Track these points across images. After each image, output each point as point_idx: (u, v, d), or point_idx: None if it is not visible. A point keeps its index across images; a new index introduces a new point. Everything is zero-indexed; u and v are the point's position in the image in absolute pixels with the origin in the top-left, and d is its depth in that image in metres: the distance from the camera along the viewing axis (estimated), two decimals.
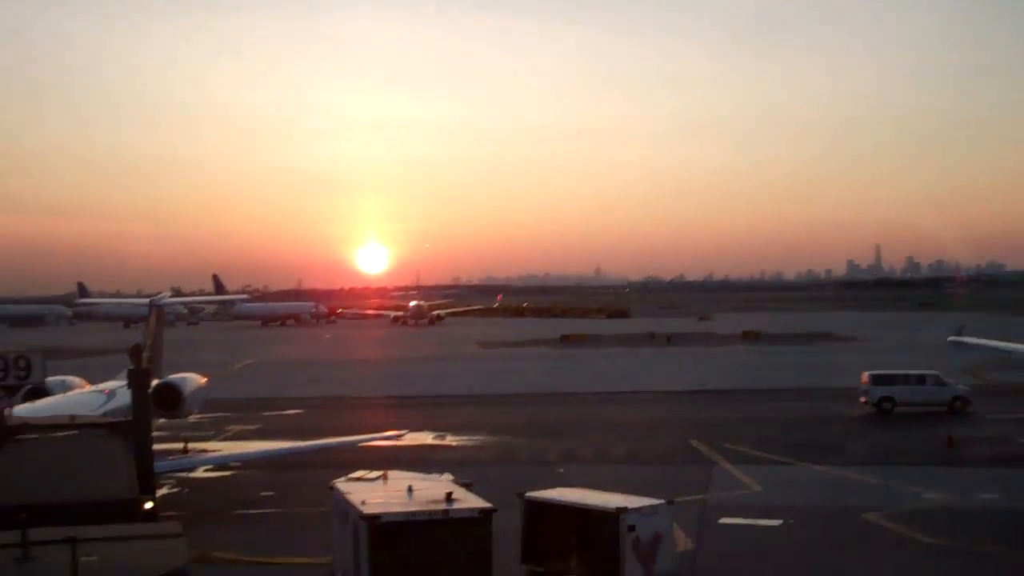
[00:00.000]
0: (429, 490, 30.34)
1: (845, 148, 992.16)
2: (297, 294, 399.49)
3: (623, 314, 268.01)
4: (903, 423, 66.26)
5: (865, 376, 70.58)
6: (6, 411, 32.88)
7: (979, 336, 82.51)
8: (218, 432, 65.68)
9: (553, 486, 34.12)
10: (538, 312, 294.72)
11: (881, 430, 63.60)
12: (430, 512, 28.05)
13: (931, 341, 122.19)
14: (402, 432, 55.83)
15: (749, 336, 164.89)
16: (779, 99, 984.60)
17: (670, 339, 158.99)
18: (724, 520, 39.11)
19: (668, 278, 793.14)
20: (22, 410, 38.02)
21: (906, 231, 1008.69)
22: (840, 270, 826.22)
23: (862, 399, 69.80)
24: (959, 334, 74.49)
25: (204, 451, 55.63)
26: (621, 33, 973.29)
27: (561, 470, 49.19)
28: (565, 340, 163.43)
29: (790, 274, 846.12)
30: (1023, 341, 76.43)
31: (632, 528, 28.93)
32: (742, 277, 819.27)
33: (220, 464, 52.35)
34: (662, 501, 30.68)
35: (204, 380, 55.37)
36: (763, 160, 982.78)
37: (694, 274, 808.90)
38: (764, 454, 54.73)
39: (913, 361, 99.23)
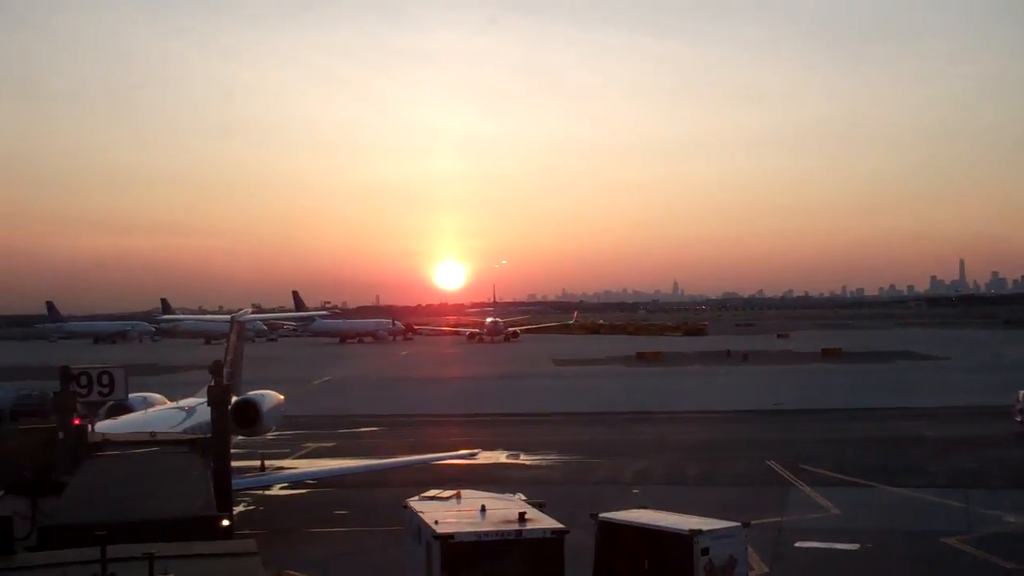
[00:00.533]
0: (502, 510, 30.35)
1: (928, 161, 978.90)
2: (375, 310, 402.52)
3: (700, 331, 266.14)
4: (983, 445, 64.84)
5: (1021, 395, 68.35)
6: (88, 427, 33.68)
7: None
8: (294, 449, 66.36)
9: (627, 507, 33.93)
10: (614, 329, 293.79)
11: (961, 451, 62.24)
12: (502, 532, 28.05)
13: (1015, 361, 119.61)
14: (476, 451, 55.94)
15: (829, 354, 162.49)
16: (860, 112, 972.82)
17: (747, 357, 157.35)
18: (800, 544, 38.61)
19: (746, 295, 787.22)
20: (104, 426, 38.83)
21: (991, 246, 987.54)
22: (923, 286, 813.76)
23: (1017, 418, 67.66)
24: None
25: (280, 468, 56.27)
26: (703, 46, 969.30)
27: (636, 491, 48.89)
28: (640, 358, 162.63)
29: (871, 290, 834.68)
30: None
31: (706, 551, 28.65)
32: (822, 293, 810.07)
33: (296, 482, 53.00)
34: (737, 524, 30.34)
35: (282, 397, 55.99)
36: (844, 174, 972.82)
37: (773, 291, 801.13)
38: (842, 476, 53.89)
39: (995, 381, 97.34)
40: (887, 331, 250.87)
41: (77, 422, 32.51)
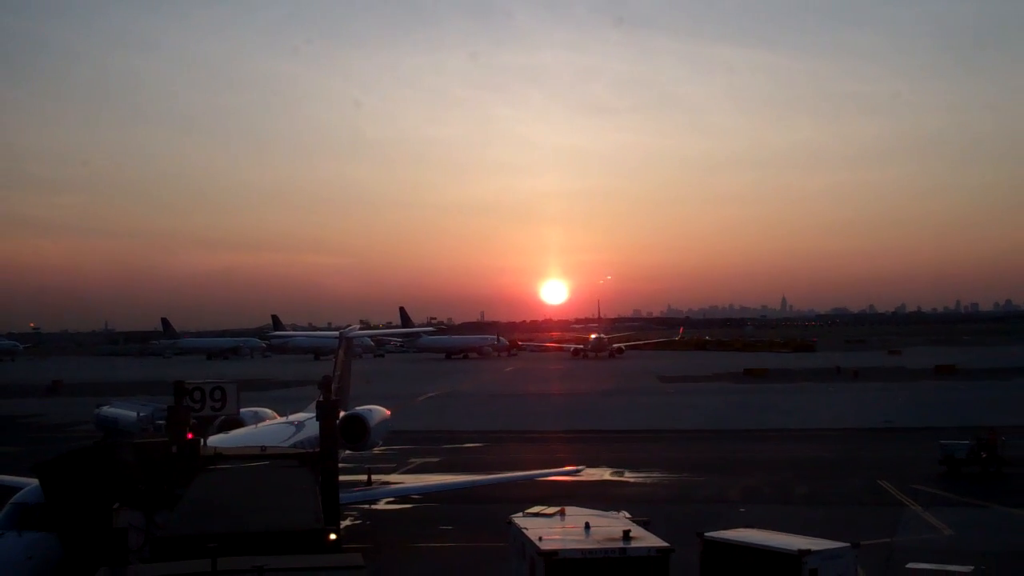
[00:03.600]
0: (606, 527, 30.27)
1: None
2: (480, 326, 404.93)
3: (809, 348, 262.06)
4: None
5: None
6: (200, 441, 34.52)
7: None
8: (400, 464, 67.02)
9: (733, 526, 33.60)
10: (720, 345, 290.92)
11: None
12: (607, 550, 27.98)
13: None
14: (580, 468, 55.90)
15: (942, 371, 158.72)
16: (974, 122, 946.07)
17: (857, 374, 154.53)
18: (912, 565, 37.51)
19: (856, 310, 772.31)
20: (216, 440, 39.79)
21: None
22: None
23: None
24: None
25: (387, 483, 56.88)
26: (813, 56, 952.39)
27: (742, 509, 48.35)
28: (747, 374, 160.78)
29: (987, 305, 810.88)
30: None
31: (815, 572, 28.19)
32: (935, 308, 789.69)
33: (402, 496, 53.49)
34: (847, 544, 29.83)
35: (388, 412, 56.56)
36: (958, 185, 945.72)
37: (884, 306, 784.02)
38: (955, 496, 52.58)
39: None
40: (1006, 347, 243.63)
41: (191, 436, 33.37)
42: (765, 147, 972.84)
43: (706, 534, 31.30)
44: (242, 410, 46.48)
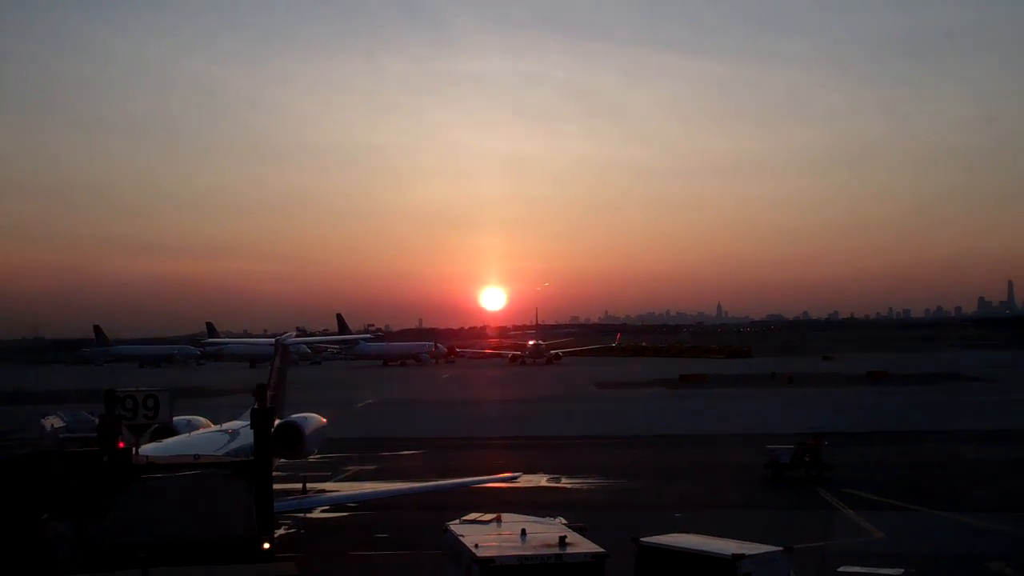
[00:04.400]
0: (542, 534, 30.31)
1: (977, 181, 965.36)
2: (418, 333, 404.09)
3: (744, 354, 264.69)
4: None
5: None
6: (132, 450, 34.02)
7: None
8: (336, 472, 66.61)
9: (669, 531, 33.74)
10: (657, 351, 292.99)
11: (1007, 474, 61.46)
12: (543, 556, 28.00)
13: None
14: (516, 474, 55.90)
15: (875, 376, 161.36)
16: (907, 130, 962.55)
17: (791, 379, 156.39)
18: (844, 568, 38.02)
19: (791, 316, 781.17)
20: (148, 449, 39.22)
21: None
22: (971, 307, 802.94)
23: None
24: None
25: (322, 491, 56.38)
26: (751, 65, 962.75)
27: (677, 515, 48.60)
28: (684, 380, 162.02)
29: (918, 311, 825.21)
30: None
31: None
32: (868, 315, 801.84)
33: (337, 504, 53.11)
34: (780, 548, 30.09)
35: (324, 420, 56.21)
36: (890, 194, 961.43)
37: (818, 312, 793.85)
38: (887, 499, 53.36)
39: None
40: (934, 353, 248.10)
41: (122, 445, 32.87)
42: (704, 155, 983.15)
43: (641, 539, 31.42)
44: (175, 418, 45.95)
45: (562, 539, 29.06)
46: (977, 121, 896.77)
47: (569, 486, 61.51)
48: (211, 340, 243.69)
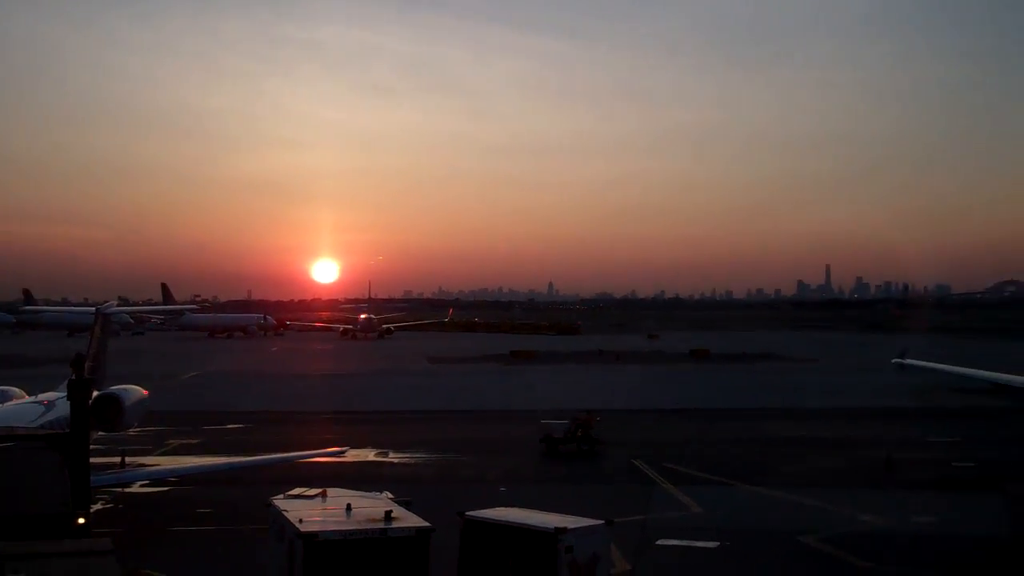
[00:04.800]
0: (368, 508, 30.21)
1: (797, 167, 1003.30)
2: (247, 305, 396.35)
3: (574, 331, 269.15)
4: (842, 444, 66.93)
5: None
6: None
7: (923, 359, 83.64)
8: (157, 446, 64.97)
9: (494, 505, 34.06)
10: (489, 327, 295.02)
11: (820, 451, 64.18)
12: (368, 531, 27.92)
13: (875, 363, 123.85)
14: (344, 448, 55.55)
15: (697, 355, 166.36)
16: (732, 117, 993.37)
17: (619, 357, 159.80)
18: (662, 541, 39.27)
19: (619, 295, 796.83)
20: None
21: (856, 252, 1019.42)
22: (790, 290, 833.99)
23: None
24: (903, 356, 75.39)
25: (142, 466, 55.06)
26: (594, 46, 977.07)
27: (503, 489, 49.15)
28: (515, 356, 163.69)
29: (740, 293, 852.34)
30: (967, 364, 77.44)
31: (569, 549, 28.90)
32: (693, 295, 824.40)
33: (157, 479, 51.79)
34: (601, 522, 30.70)
35: (146, 392, 54.76)
36: (715, 178, 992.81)
37: (645, 291, 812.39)
38: (705, 475, 55.05)
39: (855, 383, 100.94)
40: (754, 333, 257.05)
41: None
42: (542, 133, 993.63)
43: (466, 513, 31.65)
44: None
45: (388, 514, 29.01)
46: (804, 109, 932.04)
47: (397, 461, 61.47)
48: (27, 307, 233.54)
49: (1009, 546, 40.06)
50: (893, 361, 77.83)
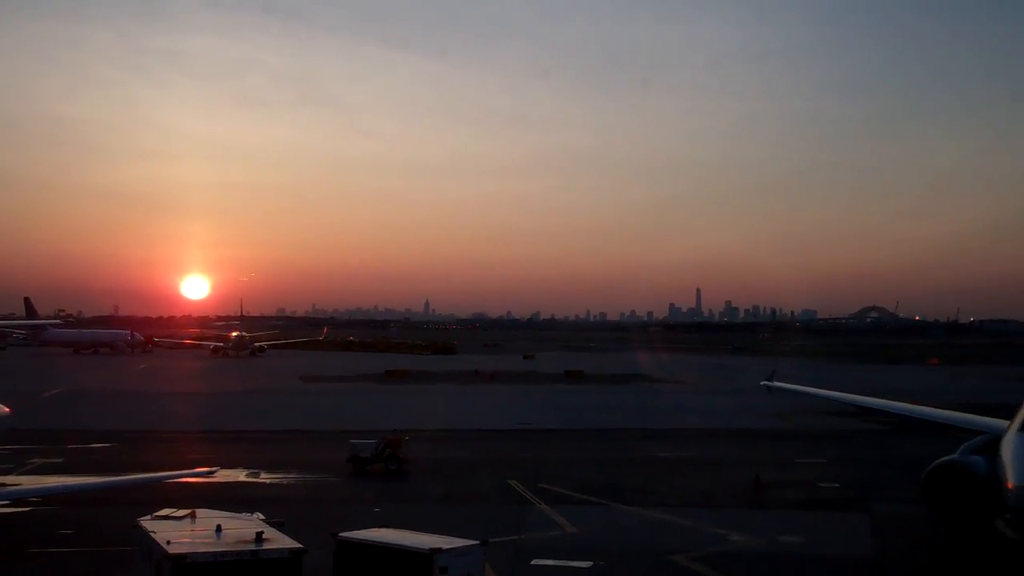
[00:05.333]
0: (239, 529, 29.74)
1: (670, 192, 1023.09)
2: (113, 320, 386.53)
3: (449, 350, 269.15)
4: (712, 465, 68.10)
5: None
6: None
7: (790, 381, 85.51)
8: (19, 465, 62.67)
9: (368, 526, 33.76)
10: (364, 346, 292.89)
11: (692, 472, 65.15)
12: (239, 552, 27.50)
13: (742, 386, 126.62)
14: (213, 469, 54.34)
15: (571, 375, 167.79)
16: (609, 143, 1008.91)
17: (493, 377, 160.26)
18: (536, 561, 39.30)
19: (495, 315, 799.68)
20: None
21: (726, 276, 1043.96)
22: (662, 312, 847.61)
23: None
24: (771, 379, 77.06)
25: (2, 485, 52.98)
26: (473, 68, 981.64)
27: (377, 509, 48.69)
28: (389, 376, 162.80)
29: (613, 315, 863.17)
30: (832, 387, 79.55)
31: (444, 570, 28.82)
32: (568, 316, 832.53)
33: (17, 499, 49.86)
34: (475, 542, 30.70)
35: (7, 410, 52.92)
36: (593, 202, 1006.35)
37: (521, 312, 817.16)
38: (579, 494, 55.35)
39: (723, 405, 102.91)
40: (627, 354, 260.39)
41: None
42: (417, 151, 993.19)
43: (340, 534, 31.30)
44: None
45: (259, 535, 28.60)
46: (676, 136, 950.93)
47: (268, 481, 60.41)
48: None
49: (874, 565, 41.20)
50: (761, 383, 79.41)
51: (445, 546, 29.56)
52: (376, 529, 32.97)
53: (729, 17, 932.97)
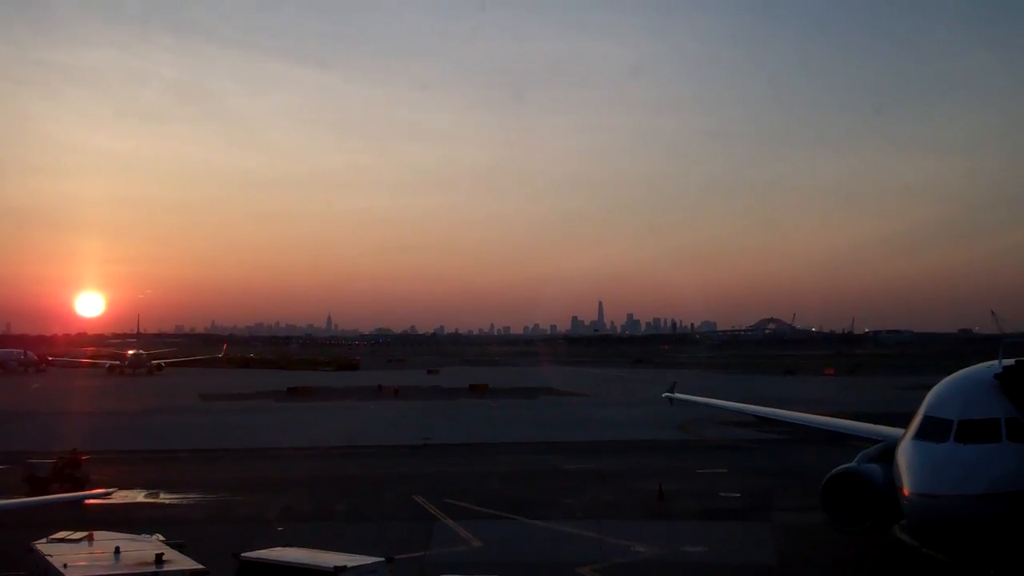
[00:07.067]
0: (138, 552, 29.20)
1: (572, 206, 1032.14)
2: (5, 340, 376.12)
3: (353, 367, 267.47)
4: (616, 476, 68.61)
5: None
6: None
7: (691, 393, 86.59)
8: None
9: (271, 545, 33.33)
10: (265, 363, 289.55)
11: (596, 484, 65.54)
12: (138, 575, 26.96)
13: (643, 398, 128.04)
14: (111, 490, 53.24)
15: (476, 390, 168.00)
16: (509, 156, 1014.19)
17: (397, 392, 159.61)
18: None
19: (399, 331, 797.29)
20: None
21: (628, 290, 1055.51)
22: (565, 325, 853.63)
23: None
24: (671, 390, 77.99)
25: None
26: (369, 82, 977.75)
27: (280, 528, 48.06)
28: (291, 393, 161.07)
29: (518, 328, 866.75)
30: (732, 397, 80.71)
31: None
32: (472, 331, 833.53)
33: None
34: (381, 559, 30.52)
35: None
36: (493, 215, 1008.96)
37: (425, 327, 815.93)
38: (485, 509, 55.34)
39: (625, 416, 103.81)
40: (531, 368, 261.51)
41: None
42: (318, 166, 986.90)
43: (242, 554, 30.84)
44: None
45: (159, 556, 28.08)
46: (577, 151, 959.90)
47: (168, 501, 59.26)
48: None
49: (776, 573, 41.87)
50: (663, 395, 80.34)
51: (350, 564, 29.33)
52: (279, 548, 32.57)
53: (625, 32, 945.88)
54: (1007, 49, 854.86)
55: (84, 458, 64.54)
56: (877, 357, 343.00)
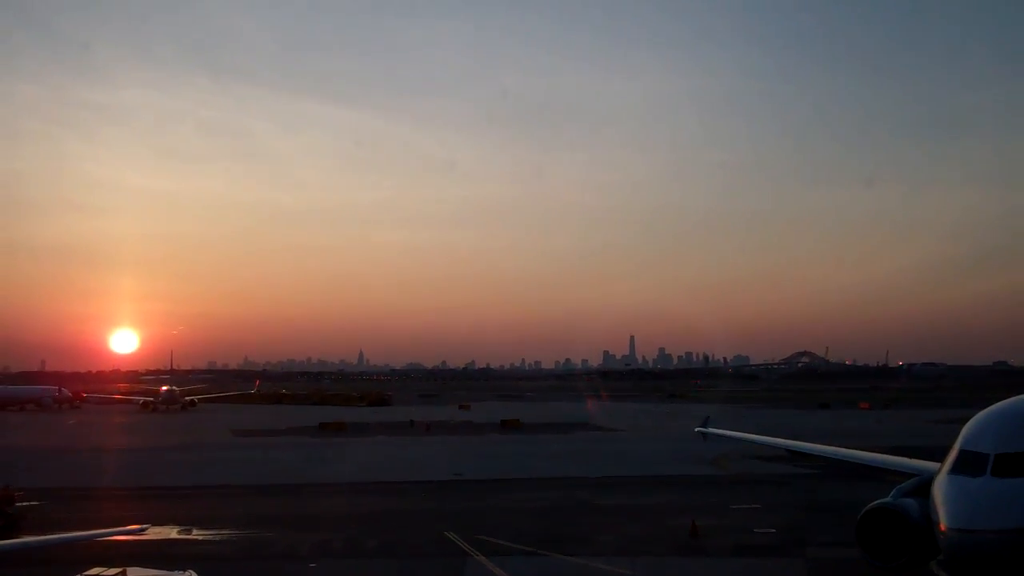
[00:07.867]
0: None
1: (603, 240, 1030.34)
2: (41, 376, 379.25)
3: (384, 402, 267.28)
4: (651, 513, 68.17)
5: None
6: None
7: (724, 427, 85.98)
8: None
9: None
10: (297, 399, 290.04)
11: (630, 520, 65.12)
12: None
13: (679, 433, 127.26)
14: (144, 526, 53.30)
15: (508, 425, 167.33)
16: (542, 192, 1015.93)
17: (429, 428, 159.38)
18: None
19: (430, 366, 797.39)
20: None
21: (659, 324, 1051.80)
22: (596, 360, 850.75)
23: None
24: (705, 425, 77.42)
25: None
26: (399, 119, 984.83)
27: (313, 565, 48.00)
28: (324, 428, 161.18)
29: (548, 363, 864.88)
30: (766, 432, 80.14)
31: None
32: (503, 365, 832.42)
33: None
34: None
35: None
36: (526, 250, 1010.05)
37: (456, 362, 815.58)
38: (518, 545, 55.02)
39: (664, 451, 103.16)
40: (563, 403, 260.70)
41: None
42: (348, 203, 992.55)
43: None
44: None
45: None
46: (608, 185, 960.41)
47: (201, 538, 59.28)
48: None
49: None
50: (696, 430, 79.75)
51: None
52: None
53: (653, 67, 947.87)
54: None
55: (18, 494, 63.87)
56: (912, 391, 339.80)
